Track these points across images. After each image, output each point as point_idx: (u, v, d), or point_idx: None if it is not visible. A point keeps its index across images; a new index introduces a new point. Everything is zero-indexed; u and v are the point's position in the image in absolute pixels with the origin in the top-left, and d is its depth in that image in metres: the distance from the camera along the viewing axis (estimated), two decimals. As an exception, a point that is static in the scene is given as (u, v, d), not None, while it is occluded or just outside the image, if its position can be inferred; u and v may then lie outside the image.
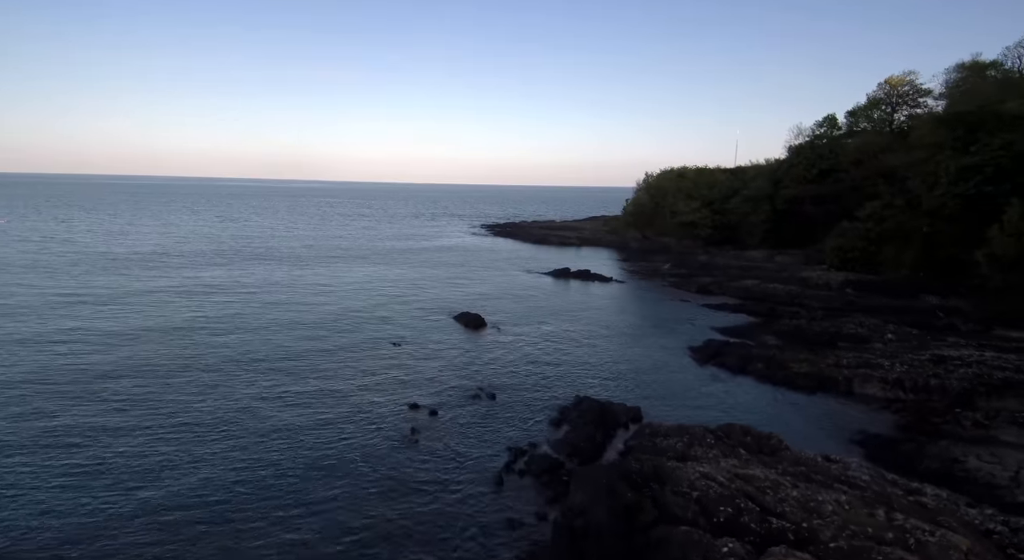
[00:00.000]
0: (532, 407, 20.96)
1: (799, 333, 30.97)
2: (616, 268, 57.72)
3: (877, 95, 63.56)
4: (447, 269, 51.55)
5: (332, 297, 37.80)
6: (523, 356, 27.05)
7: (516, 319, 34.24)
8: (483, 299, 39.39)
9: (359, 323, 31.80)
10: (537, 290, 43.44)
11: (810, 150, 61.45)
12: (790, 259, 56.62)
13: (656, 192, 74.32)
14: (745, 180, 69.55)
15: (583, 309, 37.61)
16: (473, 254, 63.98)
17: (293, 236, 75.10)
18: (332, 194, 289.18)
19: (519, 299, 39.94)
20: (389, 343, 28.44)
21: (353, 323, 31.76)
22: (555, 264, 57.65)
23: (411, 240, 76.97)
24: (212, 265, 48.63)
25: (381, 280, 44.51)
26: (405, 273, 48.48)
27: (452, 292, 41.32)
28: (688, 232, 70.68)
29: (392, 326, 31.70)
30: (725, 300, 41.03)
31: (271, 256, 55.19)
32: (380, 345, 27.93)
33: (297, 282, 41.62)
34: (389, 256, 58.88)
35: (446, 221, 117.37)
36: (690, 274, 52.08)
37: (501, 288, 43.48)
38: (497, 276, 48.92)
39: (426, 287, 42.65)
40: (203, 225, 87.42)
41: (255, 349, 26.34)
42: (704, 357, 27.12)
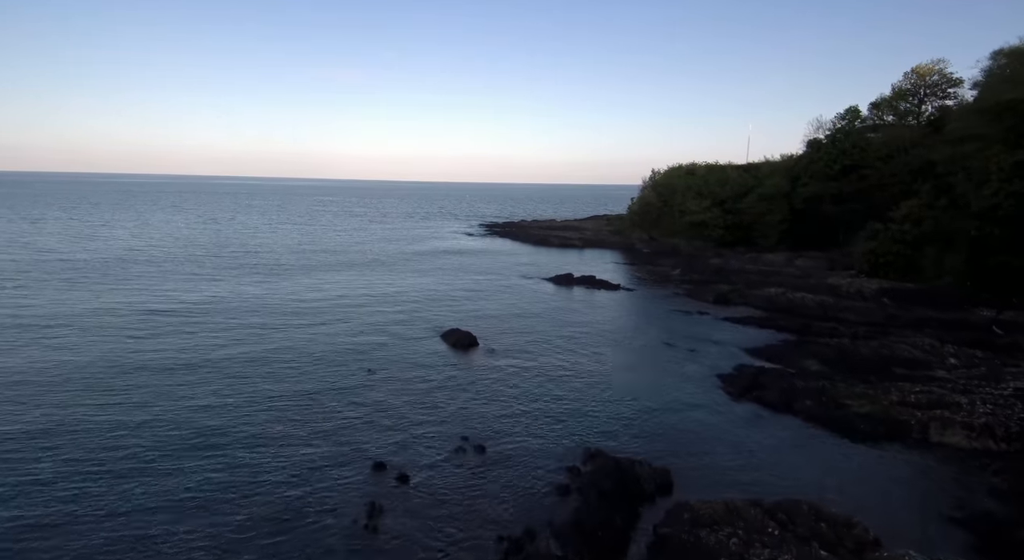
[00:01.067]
0: (530, 465, 16.44)
1: (844, 356, 26.40)
2: (623, 273, 53.16)
3: (903, 85, 59.02)
4: (437, 276, 46.95)
5: (305, 314, 33.16)
6: (519, 389, 22.51)
7: (512, 337, 29.70)
8: (476, 312, 34.85)
9: (330, 346, 27.24)
10: (537, 300, 38.87)
11: (831, 145, 56.84)
12: (812, 263, 52.10)
13: (664, 190, 69.73)
14: (759, 177, 64.98)
15: (589, 323, 33.07)
16: (467, 258, 59.37)
17: (275, 238, 70.27)
18: (328, 192, 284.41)
19: (516, 312, 35.39)
20: (362, 370, 23.92)
21: (324, 346, 27.20)
22: (556, 268, 53.06)
23: (401, 242, 72.35)
24: (176, 274, 44.00)
25: (363, 290, 39.89)
26: (390, 281, 43.86)
27: (441, 304, 36.75)
28: (698, 233, 66.12)
29: (369, 348, 27.16)
30: (748, 312, 36.48)
31: (245, 262, 50.56)
32: (350, 375, 23.39)
33: (268, 296, 36.88)
34: (375, 261, 54.10)
35: (442, 221, 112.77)
36: (704, 280, 47.53)
37: (496, 298, 38.91)
38: (492, 284, 44.35)
39: (412, 298, 38.05)
40: (183, 225, 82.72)
41: (192, 389, 21.78)
42: (738, 390, 22.57)
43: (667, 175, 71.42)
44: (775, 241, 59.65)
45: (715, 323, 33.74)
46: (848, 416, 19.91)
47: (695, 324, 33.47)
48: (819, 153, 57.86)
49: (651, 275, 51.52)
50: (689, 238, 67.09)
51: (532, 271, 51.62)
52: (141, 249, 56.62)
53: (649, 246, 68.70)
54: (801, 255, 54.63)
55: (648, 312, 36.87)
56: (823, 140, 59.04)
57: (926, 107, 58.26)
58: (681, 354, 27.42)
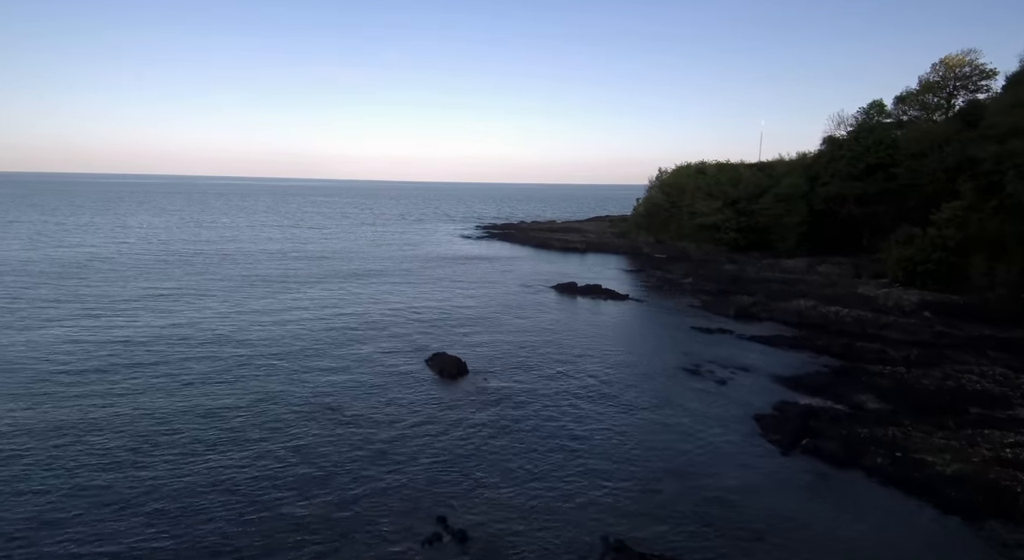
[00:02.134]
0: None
1: (904, 390, 22.11)
2: (630, 280, 48.87)
3: (931, 78, 54.63)
4: (427, 286, 42.56)
5: (272, 337, 28.82)
6: (513, 437, 18.22)
7: (508, 363, 25.43)
8: (468, 330, 30.56)
9: (294, 375, 22.96)
10: (537, 315, 34.56)
11: (855, 141, 52.50)
12: (836, 269, 47.81)
13: (672, 190, 65.41)
14: (774, 176, 60.67)
15: (596, 345, 28.78)
16: (462, 265, 55.04)
17: (256, 243, 65.59)
18: (325, 192, 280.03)
19: (513, 329, 31.09)
20: (322, 409, 19.66)
21: (287, 375, 22.93)
22: (558, 275, 48.81)
23: (391, 247, 67.98)
24: (137, 286, 39.72)
25: (340, 306, 35.50)
26: (373, 294, 39.45)
27: (429, 321, 32.45)
28: (709, 236, 61.82)
29: (339, 377, 22.90)
30: (776, 329, 32.21)
31: (217, 271, 46.15)
32: (306, 417, 19.10)
33: (231, 316, 32.25)
34: (359, 270, 49.52)
35: (437, 223, 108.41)
36: (721, 290, 43.24)
37: (492, 313, 34.59)
38: (488, 294, 40.04)
39: (396, 314, 33.71)
40: (162, 229, 78.28)
41: (111, 438, 17.50)
42: (785, 438, 18.26)
43: (675, 174, 67.11)
44: (793, 245, 55.32)
45: (740, 343, 29.44)
46: (933, 478, 15.61)
47: (717, 344, 29.16)
48: (841, 150, 53.51)
49: (661, 283, 47.23)
50: (699, 241, 62.80)
51: (532, 279, 47.32)
52: (109, 254, 52.31)
53: (656, 250, 64.39)
54: (823, 260, 50.34)
55: (662, 329, 32.56)
56: (845, 136, 54.72)
57: (956, 101, 53.93)
58: (708, 386, 23.12)
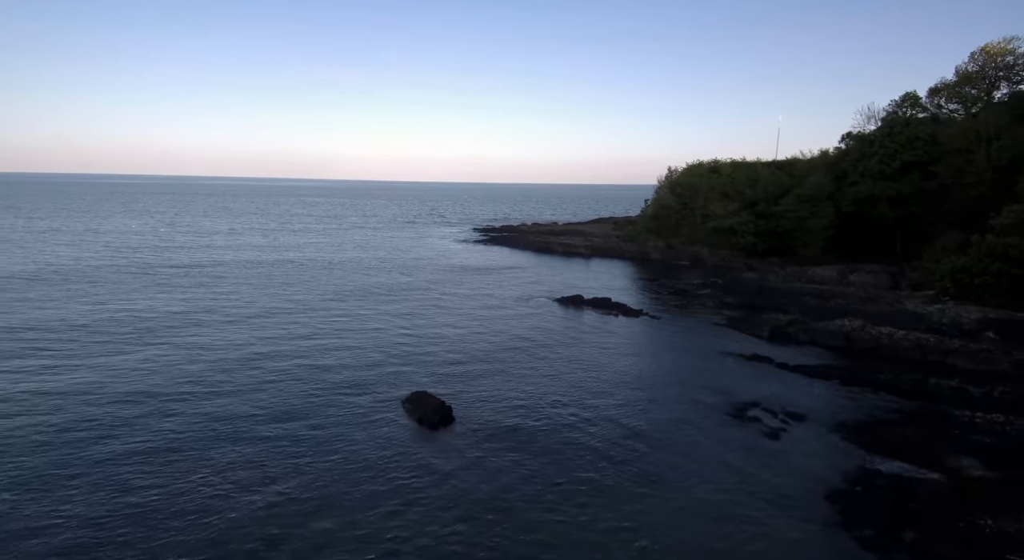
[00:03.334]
0: None
1: (1012, 448, 17.24)
2: (642, 292, 44.00)
3: (968, 68, 49.84)
4: (413, 302, 37.37)
5: (212, 380, 23.75)
6: (511, 523, 13.30)
7: (503, 404, 20.58)
8: (457, 358, 25.66)
9: (235, 434, 18.02)
10: (538, 338, 29.65)
11: (888, 137, 47.66)
12: (871, 279, 42.97)
13: (683, 191, 60.50)
14: (796, 175, 55.83)
15: (610, 376, 23.92)
16: (454, 274, 50.12)
17: (229, 250, 59.16)
18: (320, 193, 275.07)
19: (511, 357, 26.19)
20: (259, 481, 14.78)
21: (224, 432, 18.00)
22: (562, 285, 43.96)
23: (378, 252, 62.95)
24: (75, 308, 34.81)
25: (310, 327, 30.46)
26: (350, 312, 34.36)
27: (411, 347, 27.51)
28: (724, 240, 56.94)
29: (295, 427, 18.08)
30: (821, 356, 27.39)
31: (176, 286, 40.92)
32: (238, 491, 14.20)
33: (170, 346, 26.94)
34: (337, 283, 43.43)
35: (432, 225, 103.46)
36: (746, 304, 38.43)
37: (486, 336, 29.65)
38: (482, 311, 35.12)
39: (374, 338, 28.70)
40: (135, 233, 72.98)
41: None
42: (879, 532, 13.36)
43: (687, 174, 62.18)
44: (819, 250, 50.49)
45: (783, 376, 24.56)
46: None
47: (756, 377, 24.28)
48: (872, 147, 48.70)
49: (676, 295, 42.33)
50: (713, 246, 57.94)
51: (532, 289, 42.42)
52: (61, 263, 47.31)
53: (667, 255, 59.48)
54: (855, 268, 45.49)
55: (687, 355, 27.63)
56: (875, 131, 49.89)
57: (998, 92, 49.12)
58: (755, 441, 18.22)
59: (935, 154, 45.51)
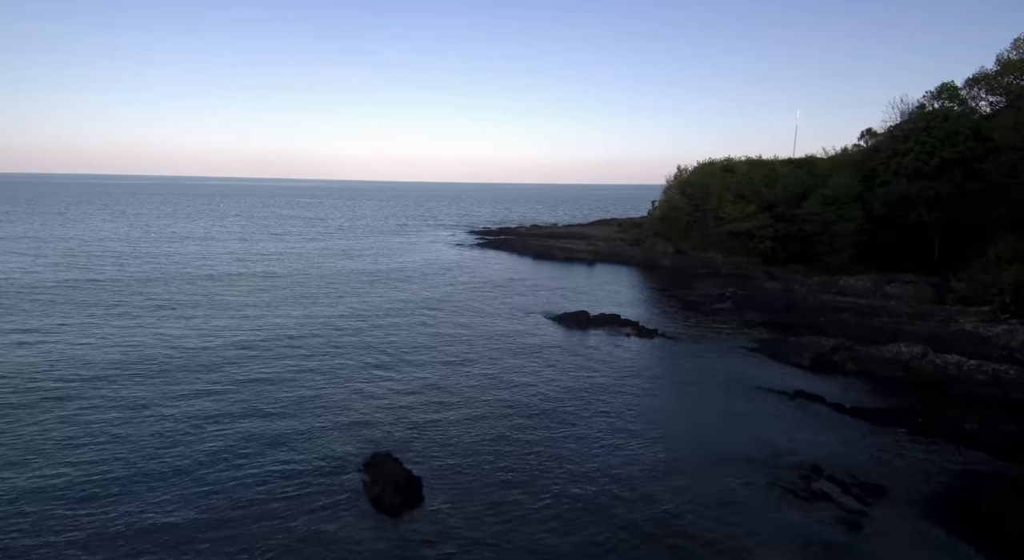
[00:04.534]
0: None
1: None
2: (653, 305, 39.27)
3: (1011, 56, 45.07)
4: (389, 327, 31.56)
5: (104, 458, 19.05)
6: None
7: (490, 471, 15.89)
8: (435, 403, 20.90)
9: (121, 502, 13.28)
10: (535, 372, 24.87)
11: (925, 132, 42.92)
12: (910, 291, 38.18)
13: (695, 192, 55.73)
14: (819, 175, 51.11)
15: (624, 424, 19.24)
16: (444, 286, 45.35)
17: (198, 258, 53.52)
18: (314, 193, 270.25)
19: (502, 398, 21.45)
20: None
21: (104, 537, 13.25)
22: (563, 298, 39.28)
23: (362, 260, 58.08)
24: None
25: (258, 363, 25.33)
26: (313, 338, 28.84)
27: (381, 388, 22.70)
28: (740, 245, 52.28)
29: (201, 512, 13.29)
30: (880, 394, 22.69)
31: (123, 308, 36.05)
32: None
33: (83, 408, 22.40)
34: (305, 303, 36.78)
35: (426, 228, 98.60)
36: (774, 321, 33.79)
37: (473, 370, 24.80)
38: (472, 336, 30.27)
39: (335, 380, 23.49)
40: (101, 239, 67.81)
41: None
42: None
43: (698, 173, 57.39)
44: (847, 258, 45.78)
45: (839, 423, 19.82)
46: None
47: (807, 425, 19.54)
48: (907, 143, 43.94)
49: (692, 309, 37.58)
50: (728, 251, 53.27)
51: (531, 304, 37.66)
52: (2, 277, 42.54)
53: (677, 262, 54.69)
54: (891, 279, 40.69)
55: (717, 392, 22.84)
56: (908, 126, 45.12)
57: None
58: (830, 534, 13.46)
59: (979, 151, 40.82)
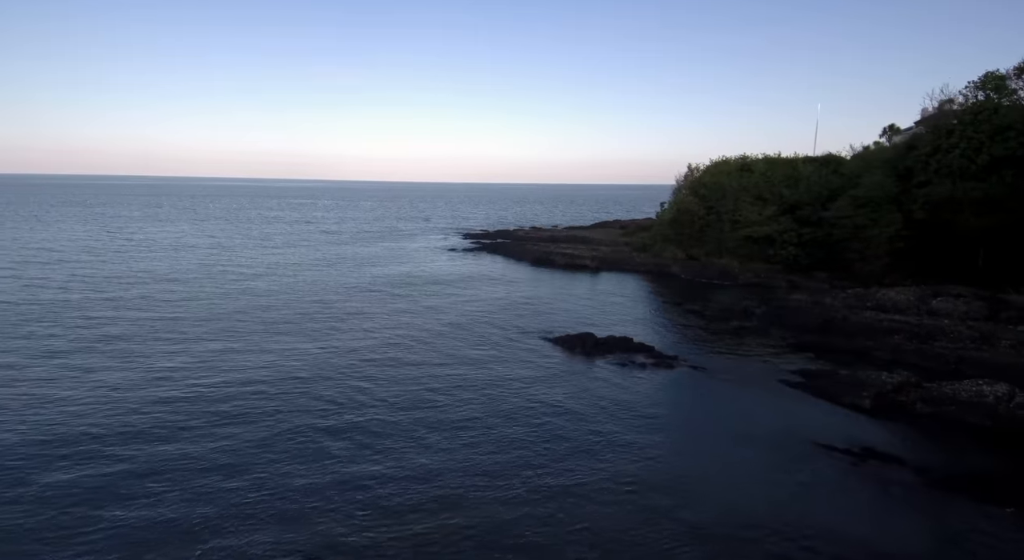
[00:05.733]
0: None
1: None
2: (668, 323, 34.45)
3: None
4: (356, 354, 26.66)
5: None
6: None
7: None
8: (404, 474, 16.06)
9: None
10: (529, 420, 20.02)
11: (972, 126, 38.24)
12: (960, 306, 33.39)
13: (709, 192, 50.96)
14: (847, 174, 46.37)
15: (645, 496, 14.44)
16: (430, 298, 40.54)
17: (156, 276, 45.52)
18: (310, 194, 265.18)
19: (491, 463, 16.62)
20: None
21: None
22: (565, 313, 34.56)
23: (341, 269, 53.05)
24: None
25: (182, 426, 20.71)
26: (259, 379, 23.61)
27: (340, 450, 17.89)
28: (759, 251, 47.58)
29: None
30: (968, 453, 17.90)
31: (57, 330, 31.32)
32: None
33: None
34: (270, 323, 31.00)
35: (416, 231, 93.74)
36: (813, 343, 29.10)
37: (455, 416, 19.92)
38: (455, 368, 25.31)
39: (278, 445, 18.70)
40: (64, 243, 62.96)
41: None
42: None
43: (712, 172, 52.57)
44: (881, 267, 41.03)
45: (931, 499, 15.06)
46: None
47: (893, 509, 14.76)
48: (950, 139, 39.25)
49: (713, 327, 32.82)
50: (745, 258, 48.53)
51: (527, 322, 32.87)
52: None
53: (689, 269, 49.86)
54: (935, 291, 35.96)
55: (762, 451, 17.97)
56: (954, 120, 40.42)
57: (1102, 70, 39.69)
58: None
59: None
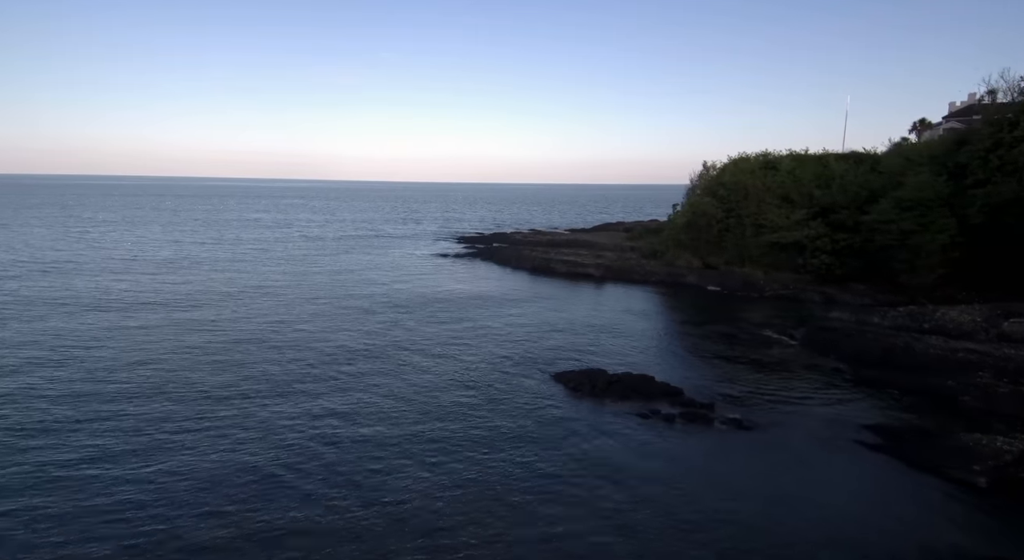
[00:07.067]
0: None
1: None
2: (694, 353, 28.78)
3: None
4: (312, 402, 21.96)
5: None
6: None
7: None
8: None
9: None
10: (524, 495, 14.57)
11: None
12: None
13: (728, 192, 45.46)
14: (885, 172, 40.88)
15: None
16: (413, 311, 35.13)
17: (105, 291, 40.64)
18: (303, 194, 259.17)
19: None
20: None
21: None
22: (567, 341, 29.11)
23: (316, 280, 47.47)
24: None
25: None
26: (181, 438, 18.89)
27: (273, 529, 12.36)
28: (786, 259, 42.17)
29: None
30: None
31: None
32: None
33: None
34: (207, 366, 25.38)
35: (407, 235, 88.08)
36: (875, 379, 23.60)
37: (427, 501, 14.48)
38: (427, 420, 19.85)
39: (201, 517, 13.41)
40: (19, 247, 57.41)
41: None
42: None
43: (733, 170, 47.06)
44: (932, 280, 35.63)
45: None
46: None
47: None
48: (1014, 131, 33.88)
49: (749, 358, 27.24)
50: (769, 267, 43.11)
51: (523, 350, 27.38)
52: None
53: (706, 279, 44.36)
54: (1007, 310, 30.61)
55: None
56: (1018, 110, 35.05)
57: None
58: None
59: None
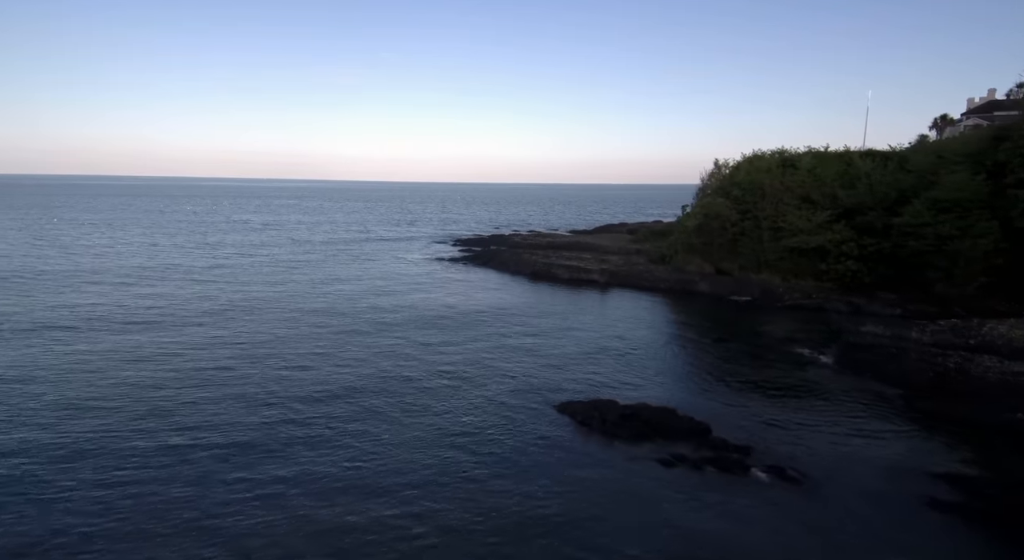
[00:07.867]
0: None
1: None
2: (716, 375, 25.44)
3: None
4: (275, 451, 18.75)
5: None
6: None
7: None
8: None
9: None
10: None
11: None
12: (1107, 347, 24.84)
13: (743, 193, 42.16)
14: (915, 171, 37.61)
15: None
16: (400, 329, 31.89)
17: (68, 304, 37.73)
18: (299, 194, 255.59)
19: None
20: None
21: None
22: (571, 361, 25.87)
23: (296, 288, 44.22)
24: None
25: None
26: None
27: None
28: (808, 265, 38.91)
29: None
30: None
31: None
32: None
33: None
34: (149, 403, 21.81)
35: (400, 238, 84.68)
36: (932, 411, 20.39)
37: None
38: (406, 471, 16.62)
39: None
40: None
41: None
42: None
43: (748, 169, 43.73)
44: (976, 288, 32.40)
45: None
46: None
47: None
48: (1065, 123, 30.61)
49: (781, 381, 23.99)
50: (788, 273, 39.88)
51: (523, 372, 24.15)
52: None
53: (719, 286, 41.07)
54: (1063, 325, 27.35)
55: None
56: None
57: None
58: None
59: None
